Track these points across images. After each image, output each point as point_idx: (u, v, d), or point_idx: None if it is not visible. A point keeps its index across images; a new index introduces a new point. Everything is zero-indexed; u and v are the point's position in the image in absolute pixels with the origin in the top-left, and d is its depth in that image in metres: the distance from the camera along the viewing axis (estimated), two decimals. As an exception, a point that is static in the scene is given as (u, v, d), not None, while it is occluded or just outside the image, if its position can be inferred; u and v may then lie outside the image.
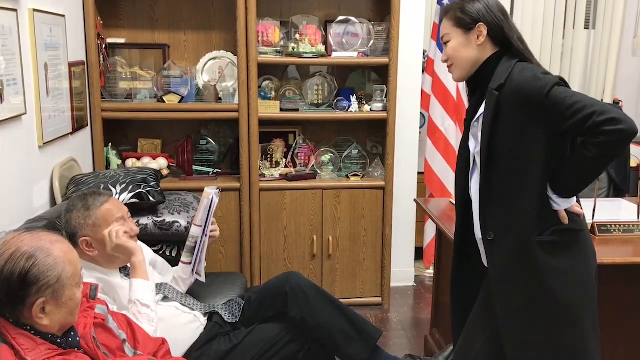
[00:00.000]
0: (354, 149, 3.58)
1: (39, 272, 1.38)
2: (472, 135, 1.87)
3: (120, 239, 2.04)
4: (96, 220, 2.05)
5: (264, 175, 3.41)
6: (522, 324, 1.78)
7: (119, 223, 2.08)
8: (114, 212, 2.09)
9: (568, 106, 1.62)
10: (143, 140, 3.49)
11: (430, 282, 3.93)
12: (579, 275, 1.77)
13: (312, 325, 2.26)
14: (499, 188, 1.77)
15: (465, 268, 1.99)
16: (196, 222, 2.29)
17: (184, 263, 2.31)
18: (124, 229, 2.08)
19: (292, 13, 3.48)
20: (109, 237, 2.04)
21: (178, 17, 3.44)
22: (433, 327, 3.00)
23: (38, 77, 2.41)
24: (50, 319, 1.41)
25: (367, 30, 3.38)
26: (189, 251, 2.29)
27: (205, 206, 2.26)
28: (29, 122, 2.37)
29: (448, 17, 1.85)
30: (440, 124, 3.74)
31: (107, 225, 2.06)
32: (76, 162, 2.85)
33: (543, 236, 1.74)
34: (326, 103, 3.48)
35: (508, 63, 1.76)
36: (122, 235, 2.05)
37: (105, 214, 2.07)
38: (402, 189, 3.70)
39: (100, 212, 2.06)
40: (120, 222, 2.09)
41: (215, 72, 3.41)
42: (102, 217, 2.06)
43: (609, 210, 2.63)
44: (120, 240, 2.05)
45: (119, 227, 2.07)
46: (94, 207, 2.06)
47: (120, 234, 2.05)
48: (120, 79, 3.26)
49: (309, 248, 3.44)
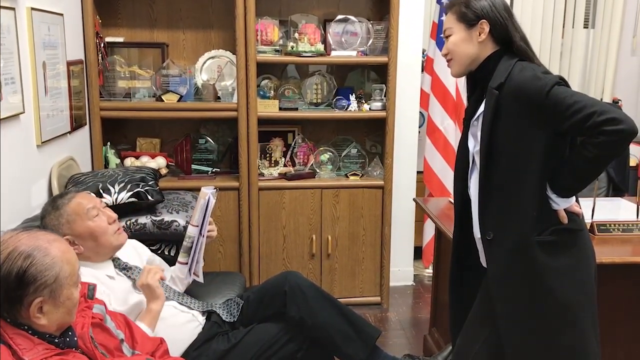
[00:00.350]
0: (353, 148, 3.57)
1: (37, 272, 1.38)
2: (471, 134, 1.87)
3: (154, 281, 2.05)
4: (68, 217, 2.04)
5: (262, 174, 3.40)
6: (522, 324, 1.78)
7: (93, 213, 2.07)
8: (83, 204, 2.08)
9: (568, 106, 1.62)
10: (142, 139, 3.48)
11: (429, 281, 3.93)
12: (578, 275, 1.77)
13: (311, 324, 2.26)
14: (498, 187, 1.77)
15: (464, 268, 1.99)
16: (193, 222, 2.28)
17: (180, 263, 2.30)
18: (160, 274, 2.08)
19: (291, 12, 3.47)
20: (146, 272, 2.05)
21: (177, 16, 3.43)
22: (432, 326, 3.00)
23: (36, 76, 2.40)
24: (47, 319, 1.41)
25: (366, 29, 3.37)
26: (186, 251, 2.28)
27: (201, 206, 2.26)
28: (27, 121, 2.36)
29: (452, 11, 1.85)
30: (440, 123, 3.74)
31: (81, 219, 2.05)
32: (74, 161, 2.85)
33: (542, 236, 1.74)
34: (325, 102, 3.48)
35: (508, 62, 1.76)
36: (157, 279, 2.06)
37: (75, 208, 2.06)
38: (401, 188, 3.70)
39: (70, 208, 2.06)
40: (94, 212, 2.08)
41: (214, 71, 3.40)
42: (73, 211, 2.05)
43: (608, 209, 2.63)
44: (154, 281, 2.05)
45: (157, 269, 2.08)
46: (63, 204, 2.06)
47: (156, 277, 2.06)
48: (118, 78, 3.26)
49: (308, 247, 3.44)
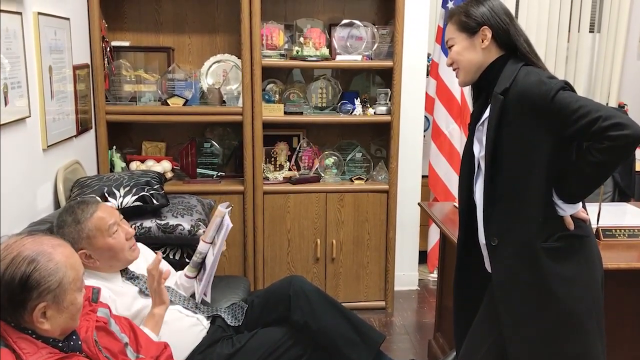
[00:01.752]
0: (358, 152, 3.57)
1: (40, 277, 1.38)
2: (476, 139, 1.86)
3: (161, 287, 2.02)
4: (89, 232, 2.00)
5: (267, 178, 3.41)
6: (527, 330, 1.77)
7: (114, 229, 2.04)
8: (106, 219, 2.04)
9: (573, 111, 1.61)
10: (147, 143, 3.49)
11: (433, 286, 3.92)
12: (584, 282, 1.76)
13: (315, 329, 2.25)
14: (503, 193, 1.76)
15: (468, 273, 1.98)
16: (205, 239, 2.26)
17: (187, 277, 2.29)
18: (166, 276, 2.05)
19: (297, 16, 3.48)
20: (157, 279, 2.01)
21: (182, 20, 3.44)
22: (437, 331, 2.99)
23: (42, 80, 2.41)
24: (51, 324, 1.41)
25: (371, 33, 3.37)
26: (194, 266, 2.26)
27: (216, 224, 2.23)
28: (33, 125, 2.37)
29: (453, 21, 1.85)
30: (445, 127, 3.73)
31: (102, 236, 2.01)
32: (80, 165, 2.86)
33: (548, 242, 1.73)
34: (330, 106, 3.48)
35: (513, 67, 1.75)
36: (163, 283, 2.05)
37: (97, 224, 2.02)
38: (406, 193, 3.70)
39: (91, 223, 2.01)
40: (114, 227, 2.05)
41: (219, 75, 3.41)
42: (95, 227, 2.01)
43: (614, 214, 2.61)
44: (161, 288, 2.02)
45: (166, 272, 2.04)
46: (85, 219, 2.01)
47: (163, 281, 2.03)
48: (124, 81, 3.27)
49: (313, 251, 3.44)
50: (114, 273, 2.13)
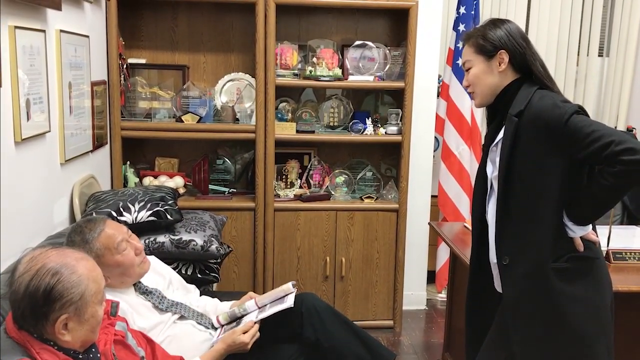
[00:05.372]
0: (368, 171, 3.60)
1: (63, 289, 1.40)
2: (490, 160, 1.89)
3: (248, 345, 2.12)
4: (98, 251, 1.98)
5: (278, 195, 3.44)
6: (537, 350, 1.78)
7: (123, 247, 2.03)
8: (114, 237, 2.02)
9: (586, 135, 1.64)
10: (160, 158, 3.53)
11: (442, 305, 3.92)
12: (594, 303, 1.77)
13: (327, 346, 2.26)
14: (515, 213, 1.79)
15: (480, 292, 1.99)
16: (258, 301, 2.28)
17: (218, 323, 2.27)
18: (250, 339, 2.12)
19: (310, 37, 3.53)
20: (248, 335, 2.11)
21: (198, 39, 3.50)
22: (445, 351, 2.99)
23: (62, 95, 2.46)
24: (72, 336, 1.43)
25: (383, 54, 3.42)
26: (231, 316, 2.26)
27: (277, 295, 2.26)
28: (52, 139, 2.41)
29: (470, 44, 1.87)
30: (455, 148, 3.76)
31: (111, 253, 2.00)
32: (95, 180, 2.89)
33: (558, 263, 1.74)
34: (341, 125, 3.52)
35: (528, 90, 1.78)
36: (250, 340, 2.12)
37: (105, 242, 2.00)
38: (416, 212, 3.72)
39: (99, 243, 1.99)
40: (123, 245, 2.04)
41: (233, 94, 3.46)
42: (103, 245, 1.99)
43: (623, 237, 2.63)
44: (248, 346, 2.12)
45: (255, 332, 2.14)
46: (92, 238, 1.99)
47: (251, 341, 2.12)
48: (140, 98, 3.32)
49: (322, 269, 3.45)
50: (126, 288, 2.15)
